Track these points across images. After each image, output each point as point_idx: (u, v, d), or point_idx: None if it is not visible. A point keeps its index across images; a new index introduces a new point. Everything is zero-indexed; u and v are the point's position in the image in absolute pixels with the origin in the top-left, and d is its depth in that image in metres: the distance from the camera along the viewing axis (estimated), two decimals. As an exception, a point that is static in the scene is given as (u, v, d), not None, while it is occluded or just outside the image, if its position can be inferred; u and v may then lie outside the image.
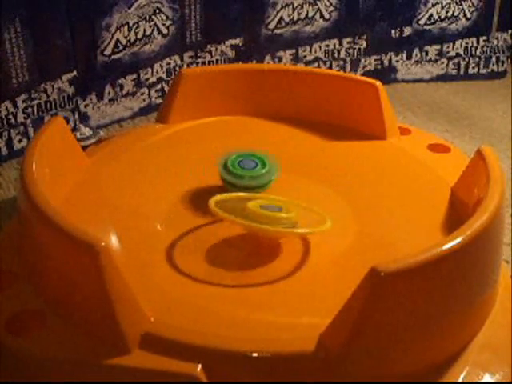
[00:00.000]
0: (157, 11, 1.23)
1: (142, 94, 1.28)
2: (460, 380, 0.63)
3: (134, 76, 1.25)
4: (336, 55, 1.45)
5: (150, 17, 1.22)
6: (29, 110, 1.11)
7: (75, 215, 0.72)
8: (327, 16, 1.40)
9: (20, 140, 1.13)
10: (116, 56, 1.21)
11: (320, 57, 1.43)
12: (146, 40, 1.24)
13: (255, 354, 0.60)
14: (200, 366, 0.58)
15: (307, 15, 1.38)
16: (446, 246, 0.60)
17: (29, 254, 0.71)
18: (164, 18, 1.24)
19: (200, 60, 1.32)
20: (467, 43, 1.52)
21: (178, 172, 0.88)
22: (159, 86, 1.30)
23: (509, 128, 1.30)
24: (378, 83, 1.00)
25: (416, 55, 1.50)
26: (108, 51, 1.19)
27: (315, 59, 1.43)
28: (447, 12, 1.49)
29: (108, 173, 0.88)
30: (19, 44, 1.06)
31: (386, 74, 1.49)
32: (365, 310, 0.58)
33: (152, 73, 1.27)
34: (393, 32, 1.47)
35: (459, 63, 1.53)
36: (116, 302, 0.59)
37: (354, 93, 1.01)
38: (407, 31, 1.48)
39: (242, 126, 1.02)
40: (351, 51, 1.45)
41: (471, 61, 1.54)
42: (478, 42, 1.52)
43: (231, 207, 0.73)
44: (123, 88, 1.25)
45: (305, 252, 0.75)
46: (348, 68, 1.47)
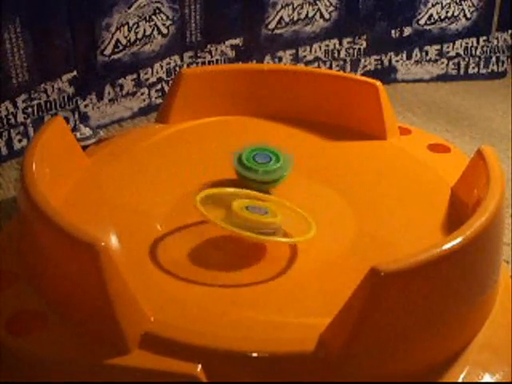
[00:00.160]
0: (157, 11, 1.23)
1: (142, 94, 1.28)
2: (460, 380, 0.63)
3: (134, 76, 1.25)
4: (336, 55, 1.45)
5: (150, 17, 1.22)
6: (29, 110, 1.11)
7: (75, 215, 0.72)
8: (327, 16, 1.40)
9: (20, 140, 1.13)
10: (116, 56, 1.21)
11: (320, 57, 1.43)
12: (146, 40, 1.24)
13: (255, 354, 0.60)
14: (200, 366, 0.58)
15: (307, 15, 1.38)
16: (446, 246, 0.60)
17: (29, 254, 0.71)
18: (164, 18, 1.24)
19: (200, 60, 1.32)
20: (467, 43, 1.52)
21: (178, 172, 0.88)
22: (159, 86, 1.30)
23: (509, 128, 1.30)
24: (378, 83, 1.00)
25: (416, 55, 1.50)
26: (108, 51, 1.19)
27: (315, 59, 1.43)
28: (447, 12, 1.49)
29: (108, 173, 0.88)
30: (19, 44, 1.06)
31: (386, 74, 1.49)
32: (365, 310, 0.58)
33: (152, 73, 1.27)
34: (393, 32, 1.47)
35: (459, 63, 1.53)
36: (116, 302, 0.59)
37: (354, 93, 1.01)
38: (407, 31, 1.48)
39: (242, 126, 1.02)
40: (351, 51, 1.45)
41: (471, 61, 1.54)
42: (478, 42, 1.52)
43: (217, 204, 0.73)
44: (123, 88, 1.25)
45: (305, 252, 0.75)
46: (348, 68, 1.47)
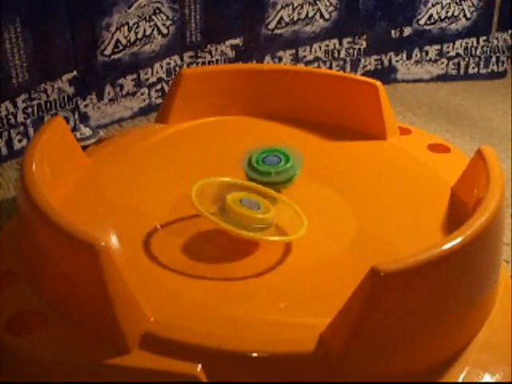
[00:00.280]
0: (157, 11, 1.23)
1: (142, 94, 1.28)
2: (460, 380, 0.63)
3: (134, 76, 1.25)
4: (336, 55, 1.45)
5: (150, 17, 1.22)
6: (29, 110, 1.11)
7: (75, 215, 0.72)
8: (327, 16, 1.40)
9: (20, 140, 1.13)
10: (116, 56, 1.21)
11: (320, 57, 1.43)
12: (146, 40, 1.24)
13: (255, 354, 0.60)
14: (200, 366, 0.58)
15: (307, 15, 1.38)
16: (446, 246, 0.60)
17: (29, 254, 0.71)
18: (164, 18, 1.24)
19: (200, 60, 1.32)
20: (467, 43, 1.52)
21: (178, 172, 0.88)
22: (159, 86, 1.30)
23: (509, 128, 1.30)
24: (378, 83, 1.00)
25: (416, 55, 1.50)
26: (108, 51, 1.19)
27: (315, 59, 1.43)
28: (447, 12, 1.49)
29: (108, 173, 0.88)
30: (19, 44, 1.06)
31: (386, 74, 1.49)
32: (365, 310, 0.58)
33: (152, 73, 1.27)
34: (393, 32, 1.47)
35: (459, 63, 1.53)
36: (116, 302, 0.59)
37: (354, 93, 1.01)
38: (407, 31, 1.48)
39: (242, 126, 1.02)
40: (351, 51, 1.45)
41: (471, 61, 1.54)
42: (478, 42, 1.52)
43: (213, 195, 0.73)
44: (123, 88, 1.25)
45: (305, 252, 0.75)
46: (348, 68, 1.47)
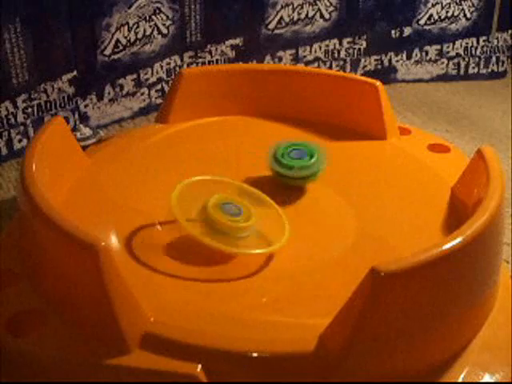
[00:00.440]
0: (157, 11, 1.23)
1: (142, 94, 1.28)
2: (460, 380, 0.63)
3: (134, 76, 1.25)
4: (336, 55, 1.45)
5: (150, 17, 1.22)
6: (29, 110, 1.11)
7: (75, 215, 0.72)
8: (327, 16, 1.40)
9: (20, 140, 1.13)
10: (116, 56, 1.21)
11: (320, 57, 1.43)
12: (146, 40, 1.24)
13: (255, 354, 0.60)
14: (200, 366, 0.58)
15: (307, 15, 1.38)
16: (446, 246, 0.60)
17: (29, 254, 0.71)
18: (164, 18, 1.24)
19: (200, 60, 1.32)
20: (467, 43, 1.52)
21: (178, 172, 0.88)
22: (159, 86, 1.30)
23: (509, 128, 1.30)
24: (378, 83, 1.00)
25: (416, 55, 1.50)
26: (108, 51, 1.19)
27: (315, 59, 1.43)
28: (447, 12, 1.49)
29: (108, 173, 0.88)
30: (19, 44, 1.06)
31: (386, 74, 1.49)
32: (365, 310, 0.58)
33: (152, 73, 1.27)
34: (393, 32, 1.47)
35: (459, 63, 1.53)
36: (116, 302, 0.59)
37: (354, 93, 1.01)
38: (407, 31, 1.48)
39: (242, 126, 1.02)
40: (351, 51, 1.45)
41: (471, 61, 1.54)
42: (478, 42, 1.52)
43: (194, 200, 0.73)
44: (123, 88, 1.25)
45: (305, 251, 0.75)
46: (348, 68, 1.47)
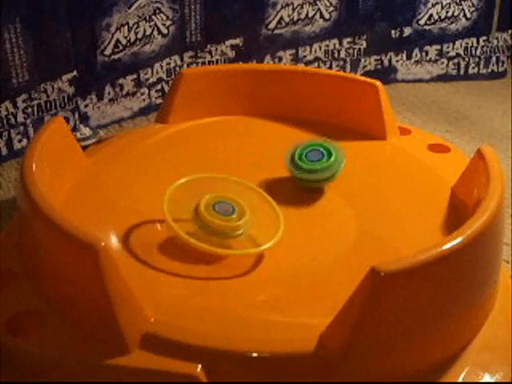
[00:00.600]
0: (157, 11, 1.23)
1: (142, 94, 1.28)
2: (460, 380, 0.63)
3: (134, 76, 1.25)
4: (336, 55, 1.45)
5: (150, 17, 1.22)
6: (29, 110, 1.11)
7: (75, 215, 0.72)
8: (327, 16, 1.40)
9: (20, 140, 1.13)
10: (116, 56, 1.21)
11: (320, 57, 1.43)
12: (146, 40, 1.24)
13: (255, 354, 0.60)
14: (200, 366, 0.58)
15: (307, 15, 1.38)
16: (446, 246, 0.60)
17: (29, 254, 0.71)
18: (164, 18, 1.24)
19: (200, 60, 1.32)
20: (467, 43, 1.52)
21: (178, 172, 0.88)
22: (159, 86, 1.30)
23: (509, 128, 1.30)
24: (378, 83, 1.00)
25: (416, 55, 1.50)
26: (108, 51, 1.19)
27: (315, 59, 1.43)
28: (447, 12, 1.49)
29: (108, 173, 0.88)
30: (19, 44, 1.06)
31: (386, 74, 1.49)
32: (365, 310, 0.58)
33: (152, 73, 1.27)
34: (393, 32, 1.47)
35: (459, 63, 1.53)
36: (116, 302, 0.59)
37: (354, 93, 1.01)
38: (407, 31, 1.48)
39: (242, 126, 1.02)
40: (351, 51, 1.45)
41: (471, 61, 1.54)
42: (478, 42, 1.52)
43: (189, 199, 0.74)
44: (123, 88, 1.25)
45: (305, 251, 0.75)
46: (348, 68, 1.47)
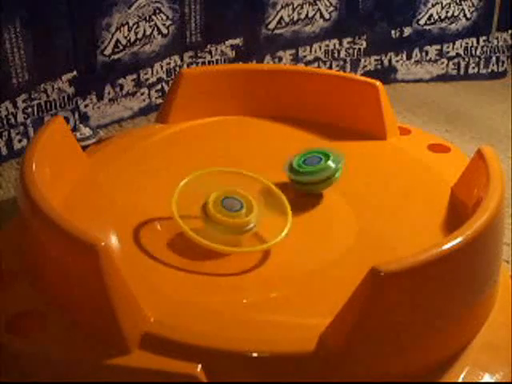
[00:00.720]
0: (157, 11, 1.23)
1: (142, 94, 1.28)
2: (460, 380, 0.63)
3: (134, 76, 1.25)
4: (336, 55, 1.45)
5: (150, 17, 1.22)
6: (29, 110, 1.11)
7: (75, 215, 0.72)
8: (327, 16, 1.40)
9: (20, 140, 1.13)
10: (116, 56, 1.21)
11: (320, 57, 1.43)
12: (146, 40, 1.24)
13: (255, 354, 0.60)
14: (200, 366, 0.58)
15: (307, 15, 1.38)
16: (446, 246, 0.60)
17: (29, 254, 0.71)
18: (164, 18, 1.24)
19: (200, 60, 1.32)
20: (467, 43, 1.52)
21: (178, 172, 0.88)
22: (159, 86, 1.30)
23: (509, 128, 1.30)
24: (378, 83, 1.00)
25: (416, 55, 1.50)
26: (108, 51, 1.19)
27: (315, 59, 1.43)
28: (447, 12, 1.49)
29: (108, 173, 0.88)
30: (19, 44, 1.06)
31: (386, 74, 1.49)
32: (365, 310, 0.58)
33: (152, 73, 1.27)
34: (393, 32, 1.47)
35: (459, 63, 1.53)
36: (116, 302, 0.59)
37: (354, 93, 1.01)
38: (407, 31, 1.48)
39: (242, 126, 1.02)
40: (351, 51, 1.45)
41: (471, 61, 1.54)
42: (478, 42, 1.52)
43: (198, 195, 0.74)
44: (123, 88, 1.25)
45: (305, 251, 0.75)
46: (348, 68, 1.47)
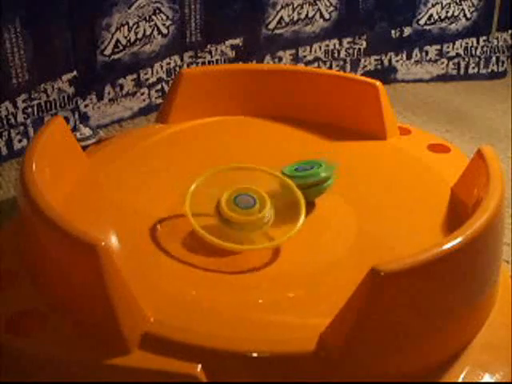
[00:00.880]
0: (157, 11, 1.23)
1: (142, 94, 1.28)
2: (460, 380, 0.63)
3: (134, 76, 1.25)
4: (336, 55, 1.45)
5: (150, 17, 1.22)
6: (29, 110, 1.11)
7: (75, 215, 0.72)
8: (327, 16, 1.40)
9: (20, 140, 1.13)
10: (116, 56, 1.21)
11: (320, 57, 1.43)
12: (146, 40, 1.24)
13: (255, 354, 0.60)
14: (200, 366, 0.58)
15: (307, 15, 1.38)
16: (446, 246, 0.60)
17: (29, 254, 0.71)
18: (164, 18, 1.24)
19: (200, 60, 1.32)
20: (467, 43, 1.52)
21: (178, 172, 0.88)
22: (159, 86, 1.30)
23: (509, 128, 1.30)
24: (378, 83, 1.00)
25: (416, 55, 1.50)
26: (108, 51, 1.19)
27: (315, 59, 1.43)
28: (447, 12, 1.49)
29: (108, 173, 0.88)
30: (19, 44, 1.06)
31: (386, 74, 1.49)
32: (365, 310, 0.58)
33: (152, 73, 1.27)
34: (393, 32, 1.47)
35: (459, 63, 1.53)
36: (116, 302, 0.59)
37: (354, 93, 1.01)
38: (407, 31, 1.48)
39: (242, 126, 1.02)
40: (351, 51, 1.45)
41: (471, 61, 1.54)
42: (478, 42, 1.52)
43: (210, 195, 0.74)
44: (123, 88, 1.25)
45: (305, 251, 0.75)
46: (348, 68, 1.47)
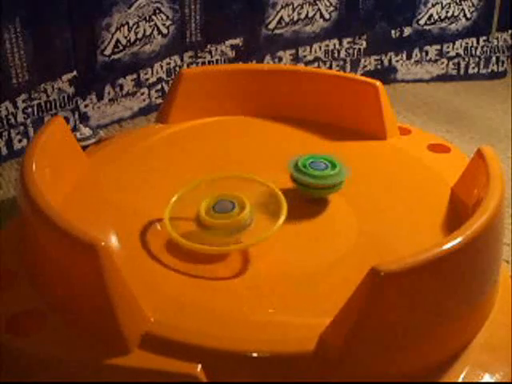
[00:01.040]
0: (157, 11, 1.23)
1: (142, 94, 1.28)
2: (460, 380, 0.63)
3: (134, 76, 1.25)
4: (336, 55, 1.45)
5: (150, 17, 1.22)
6: (29, 110, 1.11)
7: (75, 215, 0.72)
8: (327, 16, 1.40)
9: (20, 140, 1.13)
10: (116, 56, 1.21)
11: (320, 57, 1.43)
12: (146, 40, 1.24)
13: (255, 354, 0.60)
14: (200, 366, 0.58)
15: (307, 15, 1.38)
16: (446, 246, 0.60)
17: (29, 254, 0.71)
18: (164, 18, 1.24)
19: (200, 60, 1.32)
20: (467, 43, 1.52)
21: (178, 172, 0.88)
22: (159, 86, 1.30)
23: (509, 128, 1.30)
24: (378, 83, 1.00)
25: (416, 55, 1.50)
26: (108, 51, 1.19)
27: (315, 59, 1.43)
28: (447, 12, 1.49)
29: (108, 173, 0.88)
30: (19, 44, 1.06)
31: (386, 74, 1.49)
32: (365, 310, 0.58)
33: (152, 73, 1.27)
34: (393, 32, 1.47)
35: (459, 63, 1.53)
36: (116, 302, 0.59)
37: (354, 93, 1.01)
38: (407, 31, 1.48)
39: (242, 126, 1.02)
40: (351, 51, 1.45)
41: (471, 61, 1.54)
42: (478, 42, 1.52)
43: (190, 202, 0.75)
44: (123, 88, 1.25)
45: (305, 251, 0.75)
46: (348, 68, 1.47)
